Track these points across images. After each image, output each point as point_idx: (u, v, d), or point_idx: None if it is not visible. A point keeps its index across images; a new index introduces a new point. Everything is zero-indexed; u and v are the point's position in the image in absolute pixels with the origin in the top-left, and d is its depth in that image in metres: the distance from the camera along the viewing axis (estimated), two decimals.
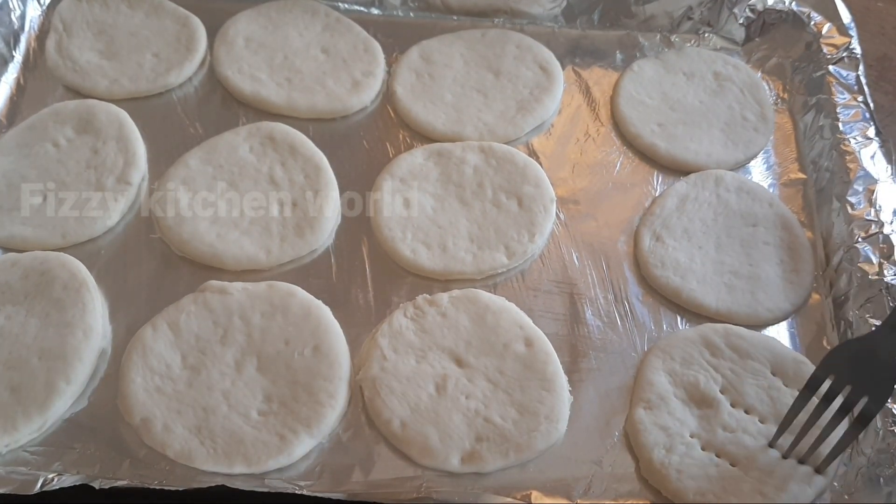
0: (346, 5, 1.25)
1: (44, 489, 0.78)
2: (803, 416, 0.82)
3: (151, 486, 0.79)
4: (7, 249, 0.97)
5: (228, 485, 0.78)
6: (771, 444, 0.84)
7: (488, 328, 0.92)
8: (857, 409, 0.78)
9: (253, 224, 0.99)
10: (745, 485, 0.83)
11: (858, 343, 0.81)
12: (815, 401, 0.81)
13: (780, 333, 0.97)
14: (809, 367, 0.91)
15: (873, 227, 1.00)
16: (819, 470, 0.84)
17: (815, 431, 0.82)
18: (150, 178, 1.05)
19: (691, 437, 0.86)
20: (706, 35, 1.25)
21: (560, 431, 0.86)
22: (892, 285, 0.94)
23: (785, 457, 0.84)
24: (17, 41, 1.16)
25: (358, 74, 1.15)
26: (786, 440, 0.84)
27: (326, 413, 0.85)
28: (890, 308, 0.93)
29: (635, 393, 0.90)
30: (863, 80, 1.14)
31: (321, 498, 0.79)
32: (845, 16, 1.20)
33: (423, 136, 1.12)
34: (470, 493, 0.82)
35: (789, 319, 0.98)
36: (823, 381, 0.80)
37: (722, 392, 0.89)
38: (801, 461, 0.84)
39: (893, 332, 0.77)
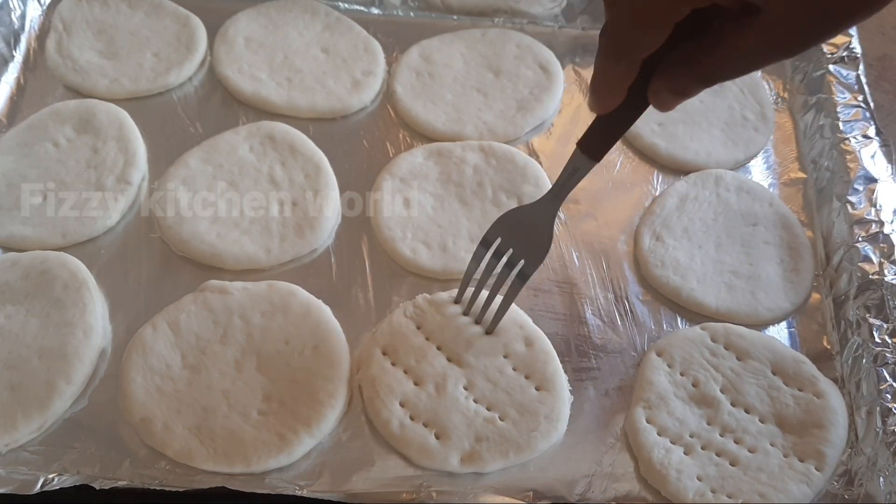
0: (346, 5, 1.25)
1: (44, 489, 0.78)
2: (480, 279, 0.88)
3: (151, 487, 0.79)
4: (7, 249, 0.97)
5: (228, 485, 0.78)
6: (456, 301, 0.92)
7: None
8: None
9: (253, 224, 1.00)
10: (745, 484, 0.83)
11: (520, 210, 0.86)
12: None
13: (780, 333, 0.97)
14: (810, 367, 0.91)
15: (873, 226, 1.00)
16: (488, 330, 0.90)
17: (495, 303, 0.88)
18: (150, 178, 1.05)
19: (691, 436, 0.86)
20: None
21: (560, 431, 0.86)
22: (893, 285, 0.94)
23: (465, 313, 0.91)
24: (17, 41, 1.16)
25: (358, 74, 1.15)
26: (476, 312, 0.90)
27: (326, 413, 0.85)
28: (890, 307, 0.93)
29: (635, 392, 0.90)
30: (863, 80, 1.14)
31: (321, 498, 0.79)
32: None
33: (423, 136, 1.12)
34: (470, 493, 0.82)
35: (789, 319, 0.98)
36: (493, 242, 0.86)
37: (722, 391, 0.89)
38: (477, 321, 0.90)
39: (553, 202, 0.81)
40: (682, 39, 0.59)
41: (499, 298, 0.89)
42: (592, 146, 0.75)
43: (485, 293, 0.90)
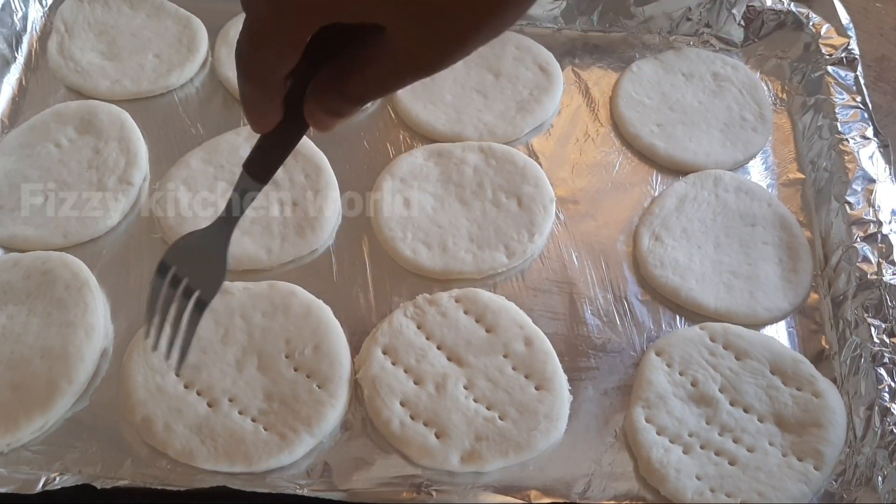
0: None
1: (45, 489, 0.78)
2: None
3: (153, 486, 0.79)
4: (9, 249, 0.98)
5: (229, 484, 0.79)
6: (146, 334, 0.79)
7: (488, 327, 0.92)
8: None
9: (253, 224, 1.00)
10: (744, 484, 0.83)
11: (193, 236, 0.78)
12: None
13: (778, 333, 0.97)
14: (808, 367, 0.91)
15: (872, 226, 1.00)
16: (176, 371, 0.82)
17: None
18: (151, 179, 1.05)
19: (690, 436, 0.86)
20: (705, 36, 1.26)
21: (560, 430, 0.87)
22: (891, 285, 0.95)
23: (154, 349, 0.79)
24: (19, 42, 1.17)
25: None
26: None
27: (327, 412, 0.85)
28: (889, 307, 0.93)
29: (634, 392, 0.90)
30: (861, 81, 1.14)
31: (322, 497, 0.79)
32: (844, 16, 1.20)
33: (424, 137, 1.12)
34: (470, 492, 0.82)
35: (788, 319, 0.98)
36: (170, 269, 0.77)
37: (721, 391, 0.89)
38: (168, 357, 0.78)
39: (224, 227, 0.76)
40: (331, 55, 0.57)
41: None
42: (258, 168, 0.69)
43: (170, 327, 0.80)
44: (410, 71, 0.55)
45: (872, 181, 1.04)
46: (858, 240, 0.99)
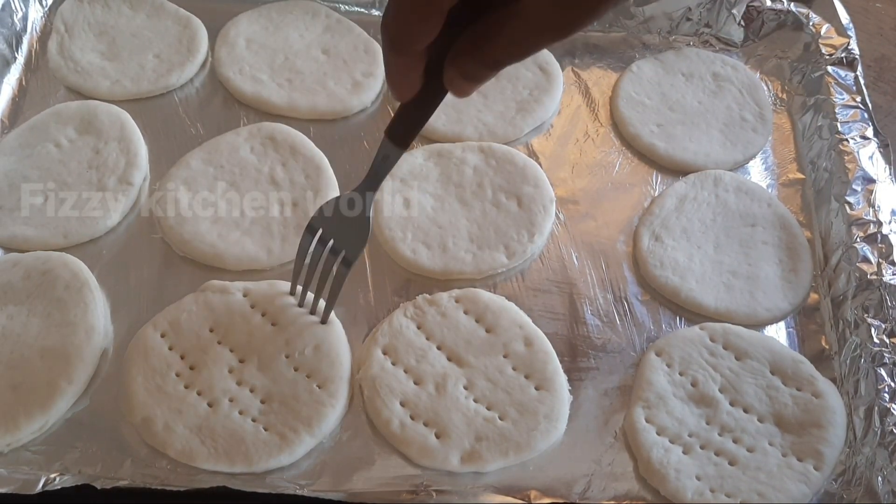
0: (347, 6, 1.26)
1: (45, 489, 0.78)
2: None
3: (153, 487, 0.79)
4: (9, 249, 0.98)
5: (229, 484, 0.79)
6: (291, 292, 0.92)
7: (488, 328, 0.92)
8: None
9: (254, 224, 1.00)
10: (744, 484, 0.83)
11: (337, 201, 0.86)
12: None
13: (778, 333, 0.97)
14: (808, 367, 0.91)
15: (872, 226, 1.00)
16: (323, 320, 0.90)
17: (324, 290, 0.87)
18: (151, 179, 1.05)
19: (690, 436, 0.86)
20: (705, 36, 1.26)
21: (559, 431, 0.87)
22: (891, 285, 0.95)
23: (300, 305, 0.91)
24: (19, 42, 1.17)
25: (358, 75, 1.16)
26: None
27: (327, 412, 0.85)
28: (888, 307, 0.93)
29: (634, 392, 0.90)
30: (861, 81, 1.15)
31: (322, 497, 0.79)
32: (843, 17, 1.21)
33: (423, 137, 1.12)
34: (470, 492, 0.82)
35: (788, 319, 0.98)
36: (317, 231, 0.86)
37: (721, 391, 0.89)
38: (312, 312, 0.91)
39: (368, 190, 0.83)
40: (469, 24, 0.61)
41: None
42: (399, 134, 0.75)
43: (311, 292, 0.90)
44: (545, 34, 0.58)
45: (872, 181, 1.04)
46: (858, 240, 0.99)
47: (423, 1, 0.58)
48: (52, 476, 0.79)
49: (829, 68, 1.16)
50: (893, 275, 0.96)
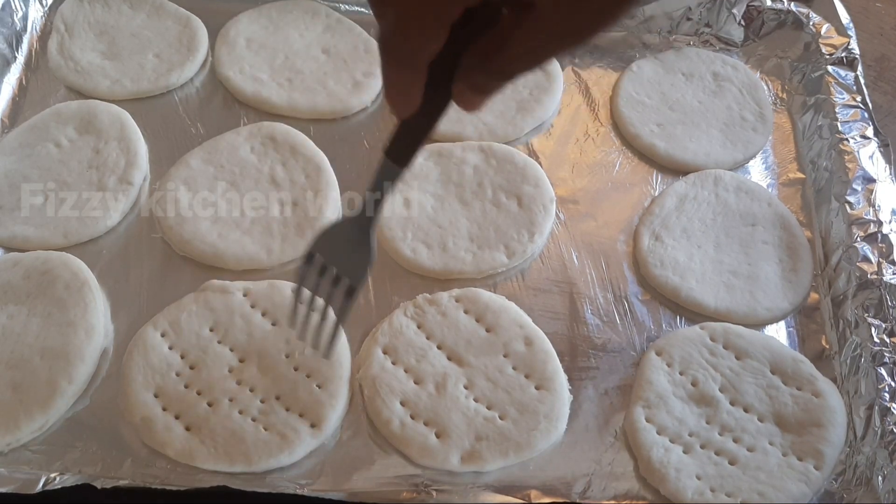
0: (347, 6, 1.26)
1: (45, 488, 0.78)
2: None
3: (153, 486, 0.79)
4: (9, 249, 0.98)
5: (229, 484, 0.79)
6: (290, 325, 0.85)
7: (488, 327, 0.92)
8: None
9: (254, 224, 1.00)
10: (744, 483, 0.83)
11: (337, 226, 0.81)
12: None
13: (778, 332, 0.97)
14: (809, 366, 0.91)
15: (872, 226, 1.00)
16: (324, 355, 0.84)
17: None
18: (151, 178, 1.05)
19: (690, 435, 0.86)
20: (705, 35, 1.26)
21: (560, 430, 0.87)
22: (891, 284, 0.95)
23: (300, 338, 0.85)
24: (19, 42, 1.17)
25: (358, 75, 1.16)
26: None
27: (327, 412, 0.85)
28: (889, 307, 0.93)
29: (634, 392, 0.90)
30: (861, 81, 1.14)
31: (322, 497, 0.79)
32: (844, 16, 1.20)
33: None
34: (470, 492, 0.82)
35: (788, 318, 0.98)
36: (314, 258, 0.79)
37: (721, 391, 0.89)
38: (314, 346, 0.84)
39: (361, 217, 0.78)
40: (475, 37, 0.59)
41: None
42: (399, 153, 0.71)
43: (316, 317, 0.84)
44: (561, 42, 0.57)
45: (872, 181, 1.04)
46: (858, 239, 0.99)
47: (427, 12, 0.55)
48: (53, 476, 0.79)
49: (830, 68, 1.16)
50: (894, 274, 0.96)
